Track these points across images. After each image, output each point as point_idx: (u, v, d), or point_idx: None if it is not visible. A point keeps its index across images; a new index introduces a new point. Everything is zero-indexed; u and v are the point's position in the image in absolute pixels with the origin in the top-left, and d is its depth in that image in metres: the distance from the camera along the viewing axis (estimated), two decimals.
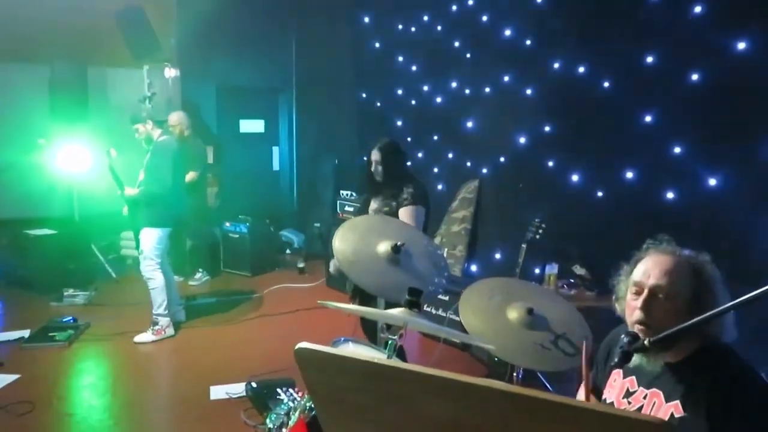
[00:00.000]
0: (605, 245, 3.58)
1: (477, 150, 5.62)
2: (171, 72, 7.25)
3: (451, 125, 5.83)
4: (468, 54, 5.62)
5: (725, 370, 1.44)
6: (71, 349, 4.51)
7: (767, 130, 3.23)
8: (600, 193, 4.29)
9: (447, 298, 4.54)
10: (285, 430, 2.43)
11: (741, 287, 1.17)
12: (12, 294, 5.78)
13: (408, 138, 6.25)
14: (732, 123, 3.40)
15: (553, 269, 4.16)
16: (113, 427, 3.48)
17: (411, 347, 3.19)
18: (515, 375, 3.22)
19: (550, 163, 4.71)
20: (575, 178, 4.49)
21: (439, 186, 6.05)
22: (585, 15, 4.33)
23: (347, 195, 6.57)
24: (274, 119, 8.67)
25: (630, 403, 1.58)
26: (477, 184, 5.62)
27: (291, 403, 2.63)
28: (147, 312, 4.76)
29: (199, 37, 7.14)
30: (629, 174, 4.04)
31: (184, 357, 4.52)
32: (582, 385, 1.91)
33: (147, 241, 4.62)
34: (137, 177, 4.72)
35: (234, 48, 7.33)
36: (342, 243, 2.43)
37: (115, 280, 6.23)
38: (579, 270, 4.19)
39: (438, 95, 6.01)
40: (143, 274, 4.69)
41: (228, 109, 8.04)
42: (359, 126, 7.34)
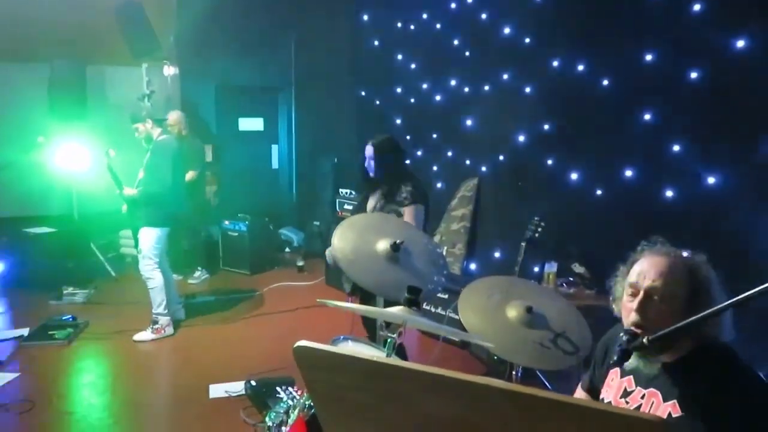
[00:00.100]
0: (604, 244, 3.58)
1: (476, 148, 5.62)
2: (170, 70, 7.25)
3: (451, 123, 5.83)
4: (467, 52, 5.61)
5: (723, 369, 1.43)
6: (71, 348, 4.51)
7: (766, 128, 3.23)
8: (599, 192, 4.29)
9: (446, 296, 4.54)
10: (284, 428, 2.43)
11: (741, 287, 1.17)
12: (11, 292, 5.78)
13: (407, 136, 6.25)
14: (732, 122, 3.39)
15: (553, 268, 4.16)
16: (113, 426, 3.48)
17: (410, 345, 3.19)
18: (514, 373, 3.22)
19: (549, 162, 4.71)
20: (574, 176, 4.49)
21: (439, 184, 6.05)
22: (584, 13, 4.33)
23: (346, 193, 6.58)
24: (273, 117, 8.66)
25: (628, 403, 1.57)
26: (476, 182, 5.62)
27: (290, 402, 2.63)
28: (146, 310, 4.76)
29: (199, 35, 7.14)
30: (628, 173, 4.04)
31: (183, 355, 4.53)
32: (579, 388, 1.92)
33: (146, 241, 4.62)
34: (136, 176, 4.72)
35: (233, 46, 7.33)
36: (341, 241, 2.43)
37: (115, 278, 6.23)
38: (578, 268, 4.19)
39: (437, 93, 6.01)
40: (142, 273, 4.69)
41: (227, 108, 8.03)
42: (358, 124, 7.33)
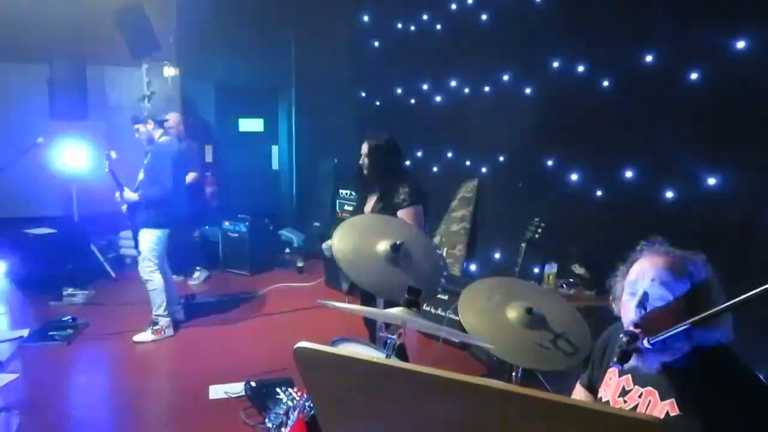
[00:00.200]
0: (604, 244, 3.58)
1: (476, 149, 5.62)
2: (170, 71, 7.25)
3: (451, 124, 5.83)
4: (467, 53, 5.61)
5: (721, 368, 1.44)
6: (70, 349, 4.51)
7: (765, 129, 3.23)
8: (599, 193, 4.29)
9: (446, 297, 4.54)
10: (284, 429, 2.43)
11: (741, 287, 1.17)
12: (11, 293, 5.77)
13: (407, 137, 6.23)
14: (731, 123, 3.39)
15: (552, 268, 4.16)
16: (112, 427, 3.48)
17: (410, 346, 3.19)
18: (514, 374, 3.22)
19: (549, 163, 4.71)
20: (574, 177, 4.49)
21: (439, 185, 6.04)
22: (584, 14, 4.33)
23: (346, 194, 6.58)
24: (273, 118, 8.66)
25: (625, 402, 1.58)
26: (476, 183, 5.62)
27: (290, 403, 2.64)
28: (146, 311, 4.76)
29: (199, 36, 7.14)
30: (628, 173, 4.04)
31: (183, 356, 4.52)
32: (578, 385, 1.91)
33: (145, 242, 4.61)
34: (136, 177, 4.71)
35: (233, 47, 7.33)
36: (341, 242, 2.43)
37: (114, 279, 6.23)
38: (578, 269, 4.19)
39: (437, 94, 6.01)
40: (141, 275, 4.68)
41: (227, 108, 8.03)
42: (358, 125, 7.33)
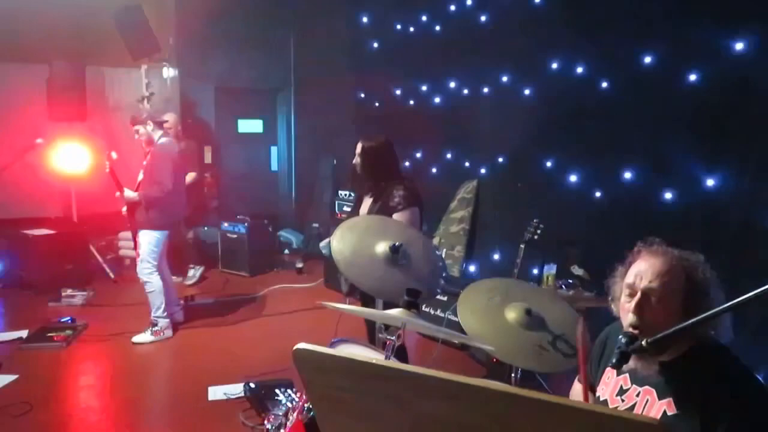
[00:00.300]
0: (603, 245, 3.57)
1: (475, 150, 5.62)
2: (169, 72, 7.25)
3: (450, 125, 5.83)
4: (466, 54, 5.62)
5: (719, 368, 1.44)
6: (69, 350, 4.50)
7: (765, 130, 3.24)
8: (598, 194, 4.29)
9: (445, 298, 4.54)
10: (283, 430, 2.43)
11: (740, 288, 1.17)
12: (10, 294, 5.78)
13: (406, 138, 6.24)
14: (730, 124, 3.40)
15: (552, 269, 4.16)
16: (111, 428, 3.47)
17: (409, 348, 3.19)
18: (513, 375, 3.22)
19: (548, 164, 4.71)
20: (573, 178, 4.49)
21: (438, 186, 6.04)
22: (584, 15, 4.34)
23: (345, 195, 6.58)
24: (272, 119, 8.66)
25: (623, 401, 1.58)
26: (475, 184, 5.63)
27: (289, 404, 2.64)
28: (145, 312, 4.76)
29: (198, 37, 7.14)
30: (627, 174, 4.05)
31: (182, 357, 4.52)
32: (576, 382, 1.92)
33: (144, 244, 4.60)
34: (136, 178, 4.70)
35: (232, 48, 7.33)
36: (340, 243, 2.43)
37: (113, 280, 6.23)
38: (577, 270, 4.19)
39: (436, 95, 6.02)
40: (140, 277, 4.67)
41: (226, 109, 8.03)
42: (358, 126, 7.34)
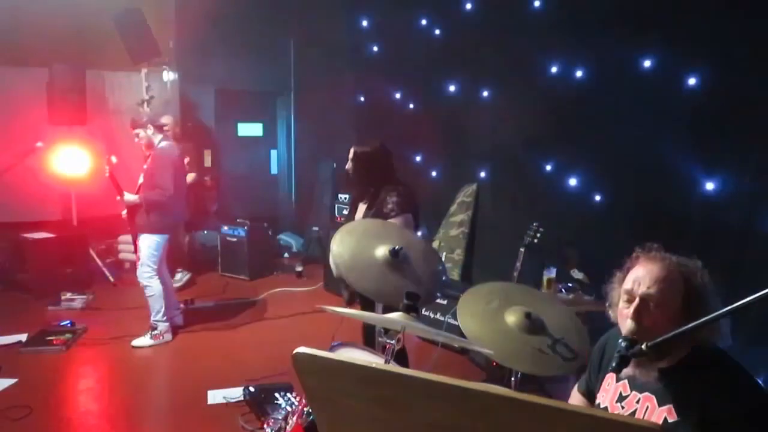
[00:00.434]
0: (603, 249, 3.57)
1: (475, 153, 5.62)
2: (169, 75, 7.26)
3: (449, 129, 5.83)
4: (466, 57, 5.62)
5: (718, 374, 1.44)
6: (69, 353, 4.49)
7: (764, 131, 3.24)
8: (598, 197, 4.30)
9: (445, 302, 4.54)
10: None
11: (738, 293, 1.17)
12: (9, 298, 5.77)
13: (406, 141, 6.25)
14: (730, 126, 3.40)
15: (551, 273, 4.16)
16: (110, 431, 3.47)
17: (408, 351, 3.19)
18: (513, 379, 3.22)
19: (548, 167, 4.72)
20: (573, 181, 4.50)
21: (438, 190, 6.04)
22: (582, 17, 4.35)
23: (345, 199, 6.58)
24: (272, 122, 8.67)
25: (623, 408, 1.57)
26: (475, 188, 5.63)
27: (289, 408, 2.63)
28: (145, 316, 4.75)
29: (198, 40, 7.15)
30: (627, 178, 4.05)
31: (181, 361, 4.51)
32: (575, 390, 1.91)
33: (144, 248, 4.59)
34: (136, 182, 4.70)
35: (232, 51, 7.34)
36: (340, 247, 2.43)
37: (113, 284, 6.22)
38: (577, 274, 4.18)
39: (436, 99, 6.02)
40: (140, 281, 4.66)
41: (226, 113, 8.04)
42: (358, 130, 7.34)
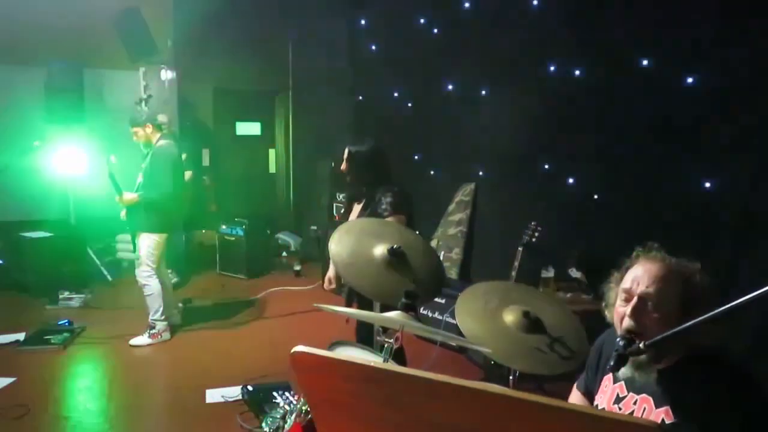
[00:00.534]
0: (602, 249, 3.59)
1: (473, 153, 5.63)
2: (167, 74, 7.25)
3: (448, 128, 5.83)
4: (465, 57, 5.63)
5: (716, 373, 1.43)
6: (67, 352, 4.49)
7: (763, 131, 3.25)
8: (596, 197, 4.30)
9: (443, 301, 4.54)
10: None
11: (737, 292, 1.17)
12: (8, 297, 5.76)
13: (405, 141, 6.25)
14: (729, 126, 3.41)
15: (550, 273, 4.16)
16: (109, 431, 3.47)
17: (406, 350, 3.19)
18: (511, 378, 3.22)
19: (546, 166, 4.72)
20: (571, 181, 4.50)
21: (436, 189, 6.05)
22: (581, 17, 4.35)
23: (343, 198, 6.58)
24: (270, 122, 8.68)
25: (620, 409, 1.56)
26: (473, 187, 5.63)
27: (287, 407, 2.63)
28: (143, 315, 4.75)
29: (196, 39, 7.15)
30: (626, 177, 4.05)
31: (179, 360, 4.51)
32: (574, 388, 1.91)
33: (144, 247, 4.58)
34: (135, 180, 4.69)
35: (231, 50, 7.34)
36: (338, 246, 2.43)
37: (111, 283, 6.22)
38: (575, 273, 4.20)
39: (435, 98, 6.02)
40: (138, 280, 4.66)
41: (224, 112, 8.04)
42: (356, 129, 7.34)
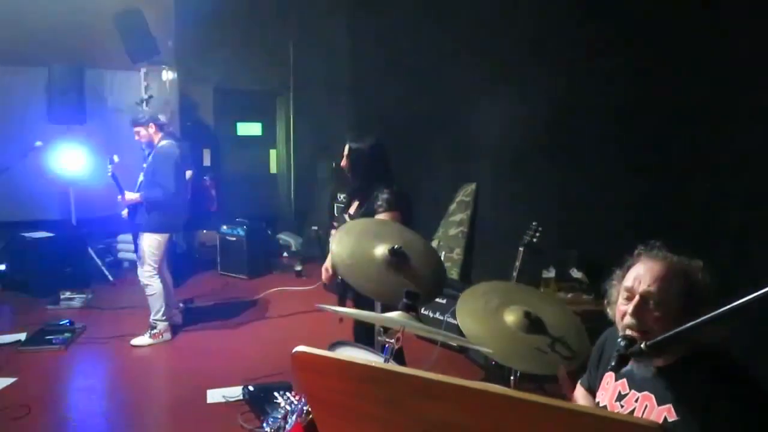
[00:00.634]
0: (603, 249, 3.58)
1: (475, 153, 5.62)
2: (168, 74, 7.26)
3: (450, 128, 5.83)
4: (466, 58, 5.62)
5: (717, 372, 1.43)
6: (68, 352, 4.49)
7: (763, 131, 3.24)
8: (597, 197, 4.30)
9: (444, 301, 4.54)
10: None
11: (739, 292, 1.17)
12: (8, 297, 5.77)
13: (405, 141, 6.25)
14: (729, 127, 3.41)
15: (551, 273, 4.16)
16: (110, 431, 3.47)
17: (407, 350, 3.18)
18: (512, 378, 3.22)
19: (547, 166, 4.71)
20: (572, 181, 4.50)
21: (437, 189, 6.05)
22: (583, 16, 4.35)
23: (344, 198, 6.58)
24: (271, 122, 8.68)
25: (622, 407, 1.57)
26: (474, 187, 5.63)
27: (288, 407, 2.63)
28: (144, 315, 4.75)
29: (197, 40, 7.15)
30: (626, 177, 4.05)
31: (181, 360, 4.51)
32: (578, 385, 1.91)
33: (146, 247, 4.58)
34: (136, 180, 4.69)
35: (232, 50, 7.35)
36: (339, 246, 2.43)
37: (112, 283, 6.23)
38: (576, 273, 4.19)
39: (436, 98, 6.02)
40: (141, 279, 4.66)
41: (225, 112, 8.05)
42: (357, 129, 7.33)
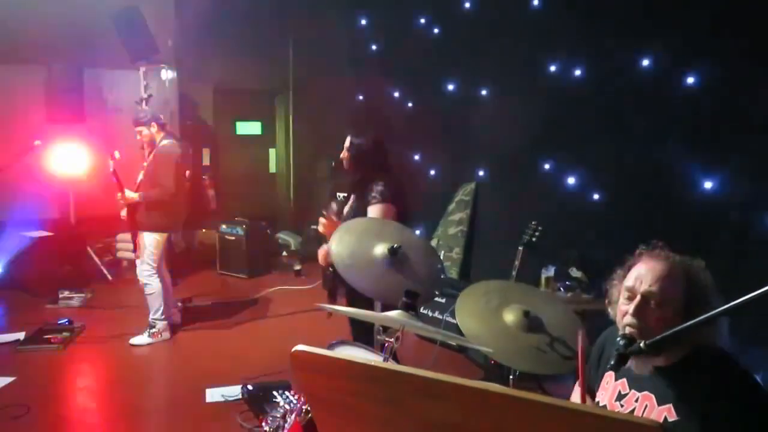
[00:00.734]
0: (602, 248, 3.59)
1: (474, 152, 5.62)
2: (168, 73, 7.25)
3: (449, 127, 5.83)
4: (465, 56, 5.62)
5: (719, 373, 1.43)
6: (67, 352, 4.49)
7: (762, 131, 3.24)
8: (596, 196, 4.30)
9: (443, 300, 4.53)
10: None
11: (738, 292, 1.17)
12: (7, 296, 5.76)
13: (405, 140, 6.25)
14: (729, 127, 3.41)
15: (550, 272, 4.16)
16: (108, 430, 3.47)
17: (407, 349, 3.19)
18: (511, 377, 3.22)
19: (546, 166, 4.72)
20: (572, 180, 4.50)
21: (436, 188, 6.04)
22: (582, 17, 4.35)
23: (344, 197, 6.57)
24: (270, 121, 8.67)
25: (622, 406, 1.57)
26: (474, 186, 5.63)
27: (287, 406, 2.63)
28: (143, 314, 4.75)
29: (196, 39, 7.14)
30: (626, 177, 4.05)
31: (179, 359, 4.51)
32: (577, 386, 1.91)
33: (145, 246, 4.58)
34: (136, 179, 4.68)
35: (231, 49, 7.33)
36: (338, 245, 2.43)
37: (111, 282, 6.22)
38: (575, 273, 4.19)
39: (435, 97, 6.01)
40: (139, 279, 4.65)
41: (225, 111, 8.04)
42: (356, 128, 7.31)
